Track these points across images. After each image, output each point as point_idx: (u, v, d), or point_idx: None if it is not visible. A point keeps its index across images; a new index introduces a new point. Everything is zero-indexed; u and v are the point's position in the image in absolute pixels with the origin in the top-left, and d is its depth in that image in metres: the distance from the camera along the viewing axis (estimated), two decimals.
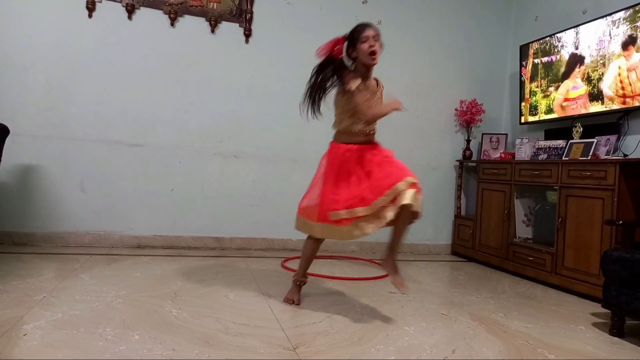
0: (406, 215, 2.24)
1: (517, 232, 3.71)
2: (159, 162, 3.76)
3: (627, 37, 3.20)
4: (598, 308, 2.67)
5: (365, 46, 2.31)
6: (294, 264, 3.41)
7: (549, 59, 3.89)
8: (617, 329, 2.32)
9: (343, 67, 2.40)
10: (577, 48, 3.61)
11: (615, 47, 3.28)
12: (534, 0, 4.34)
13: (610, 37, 3.33)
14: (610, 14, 3.32)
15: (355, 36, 2.35)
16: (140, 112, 3.71)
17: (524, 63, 4.14)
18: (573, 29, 3.64)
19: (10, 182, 3.46)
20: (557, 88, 3.79)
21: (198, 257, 3.46)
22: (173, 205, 3.78)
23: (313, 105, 2.48)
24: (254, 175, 3.97)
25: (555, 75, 3.82)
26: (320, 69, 2.42)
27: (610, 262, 2.32)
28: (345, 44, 2.39)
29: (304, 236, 4.28)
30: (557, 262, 3.25)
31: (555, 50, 3.83)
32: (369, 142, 2.46)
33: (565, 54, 3.71)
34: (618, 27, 3.27)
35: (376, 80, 2.49)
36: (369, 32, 2.32)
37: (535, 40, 4.02)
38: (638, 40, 3.12)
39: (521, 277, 3.56)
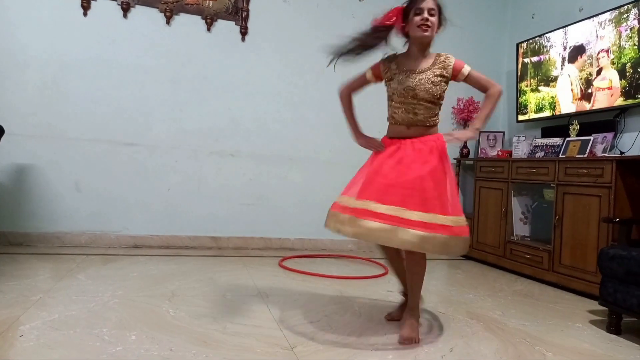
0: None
1: (514, 230, 3.71)
2: (154, 161, 3.74)
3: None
4: (595, 305, 2.68)
5: (417, 18, 2.05)
6: (292, 264, 3.41)
7: (538, 59, 3.91)
8: (614, 326, 2.33)
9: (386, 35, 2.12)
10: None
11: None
12: None
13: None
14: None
15: (409, 7, 2.08)
16: (135, 111, 3.69)
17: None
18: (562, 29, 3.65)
19: (5, 181, 3.44)
20: (547, 86, 3.80)
21: (195, 257, 3.45)
22: (169, 205, 3.77)
23: (343, 54, 2.16)
24: (251, 174, 3.96)
25: (545, 75, 3.85)
26: (372, 32, 2.17)
27: (606, 260, 2.32)
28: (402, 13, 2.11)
29: (301, 235, 4.27)
30: (554, 260, 3.26)
31: (544, 50, 3.85)
32: (418, 135, 2.12)
33: (555, 54, 3.72)
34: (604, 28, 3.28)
35: (438, 56, 2.18)
36: (424, 3, 2.04)
37: (525, 41, 4.04)
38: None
39: (518, 275, 3.56)
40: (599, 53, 3.38)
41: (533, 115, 3.99)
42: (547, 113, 3.84)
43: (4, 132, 2.84)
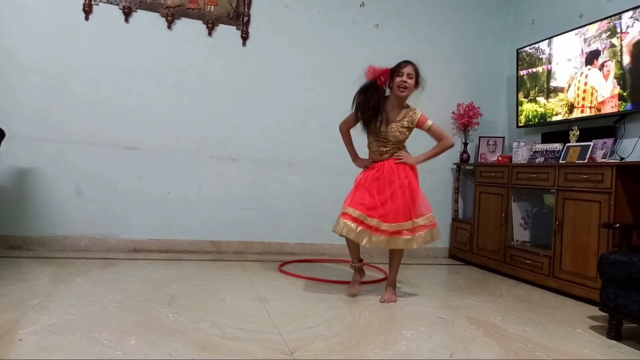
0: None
1: (514, 236, 3.71)
2: (155, 165, 3.74)
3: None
4: (595, 311, 2.68)
5: (398, 79, 2.68)
6: (291, 268, 3.41)
7: (530, 71, 3.94)
8: (614, 332, 2.32)
9: (381, 95, 2.72)
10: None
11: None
12: (531, 4, 4.36)
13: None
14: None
15: (395, 69, 2.71)
16: (136, 115, 3.70)
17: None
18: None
19: (5, 184, 3.44)
20: (547, 97, 3.81)
21: (195, 261, 3.45)
22: (169, 209, 3.77)
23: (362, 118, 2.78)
24: (251, 178, 3.97)
25: (542, 85, 3.88)
26: (363, 91, 2.72)
27: (607, 265, 2.32)
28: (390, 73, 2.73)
29: (301, 240, 4.29)
30: (554, 265, 3.25)
31: (540, 62, 3.89)
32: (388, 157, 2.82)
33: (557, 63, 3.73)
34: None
35: (408, 110, 2.80)
36: (405, 69, 2.69)
37: (525, 47, 4.07)
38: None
39: (519, 280, 3.56)
40: (596, 59, 3.40)
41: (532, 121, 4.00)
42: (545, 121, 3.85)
43: (5, 136, 2.84)
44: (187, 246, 3.79)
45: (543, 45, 3.91)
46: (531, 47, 4.04)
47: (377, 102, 2.68)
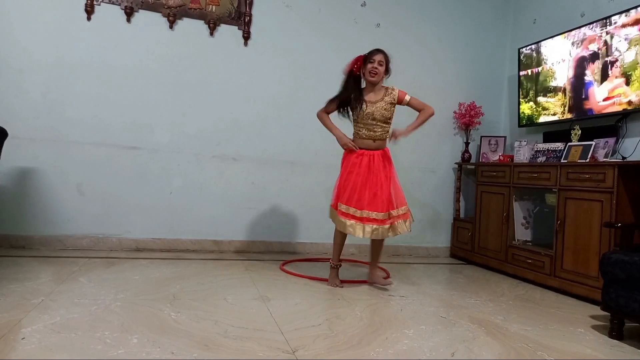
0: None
1: (516, 235, 3.71)
2: (157, 165, 3.75)
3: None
4: (597, 310, 2.68)
5: (369, 66, 2.92)
6: (293, 267, 3.41)
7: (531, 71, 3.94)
8: (616, 332, 2.32)
9: (357, 80, 2.97)
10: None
11: None
12: (533, 4, 4.36)
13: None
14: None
15: (367, 56, 2.94)
16: (138, 115, 3.71)
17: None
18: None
19: (7, 185, 3.45)
20: (544, 96, 3.81)
21: (196, 260, 3.46)
22: (171, 208, 3.78)
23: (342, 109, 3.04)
24: (253, 178, 3.97)
25: (542, 85, 3.89)
26: (344, 83, 2.99)
27: (608, 265, 2.32)
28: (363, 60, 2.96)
29: (302, 239, 4.30)
30: (556, 265, 3.25)
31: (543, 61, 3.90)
32: (378, 148, 2.98)
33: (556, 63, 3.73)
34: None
35: (386, 89, 3.01)
36: (376, 56, 2.92)
37: (525, 46, 4.07)
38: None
39: (520, 279, 3.56)
40: (597, 60, 3.40)
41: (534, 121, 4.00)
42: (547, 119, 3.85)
43: (7, 135, 2.85)
44: (189, 245, 3.80)
45: (544, 44, 3.90)
46: (532, 46, 4.03)
47: (355, 86, 2.93)
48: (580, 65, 3.55)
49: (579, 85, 3.57)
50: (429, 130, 4.41)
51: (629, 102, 3.16)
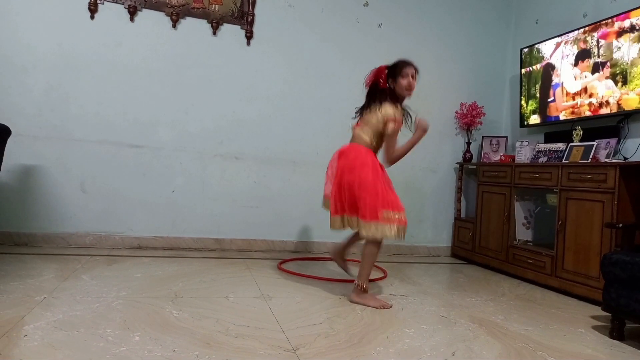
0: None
1: (517, 235, 3.71)
2: (159, 163, 3.76)
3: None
4: (598, 311, 2.68)
5: (405, 82, 2.63)
6: (291, 266, 3.42)
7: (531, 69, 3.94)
8: (616, 332, 2.32)
9: (388, 96, 2.65)
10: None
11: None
12: (535, 3, 4.36)
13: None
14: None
15: (397, 70, 2.65)
16: (141, 114, 3.72)
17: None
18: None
19: (11, 182, 3.46)
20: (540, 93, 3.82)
21: (198, 259, 3.47)
22: (174, 207, 3.79)
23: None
24: (255, 176, 3.98)
25: (542, 85, 3.90)
26: (369, 96, 2.72)
27: (609, 265, 2.32)
28: (387, 72, 2.68)
29: (304, 238, 4.29)
30: (557, 265, 3.25)
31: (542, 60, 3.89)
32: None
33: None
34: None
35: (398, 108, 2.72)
36: (409, 70, 2.65)
37: (528, 47, 4.07)
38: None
39: (521, 279, 3.56)
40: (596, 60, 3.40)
41: (535, 121, 4.00)
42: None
43: (10, 133, 2.86)
44: (191, 244, 3.81)
45: (545, 45, 3.90)
46: (534, 46, 4.04)
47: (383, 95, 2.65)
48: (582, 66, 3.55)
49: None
50: (430, 130, 4.40)
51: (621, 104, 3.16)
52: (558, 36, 3.79)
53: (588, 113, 3.48)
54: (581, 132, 3.48)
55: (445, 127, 4.47)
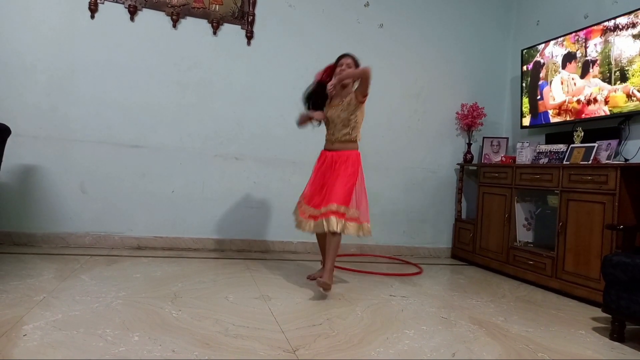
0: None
1: (517, 236, 3.71)
2: (159, 163, 3.76)
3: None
4: (598, 312, 2.67)
5: (337, 69, 2.96)
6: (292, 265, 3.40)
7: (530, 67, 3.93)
8: (617, 334, 2.32)
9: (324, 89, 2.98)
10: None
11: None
12: (535, 5, 4.35)
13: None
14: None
15: (336, 63, 3.01)
16: (141, 114, 3.71)
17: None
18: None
19: (10, 182, 3.46)
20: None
21: (198, 259, 3.46)
22: (173, 207, 3.78)
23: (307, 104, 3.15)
24: (254, 177, 3.97)
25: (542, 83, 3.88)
26: (312, 89, 3.09)
27: (610, 267, 2.31)
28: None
29: (303, 239, 4.28)
30: (557, 266, 3.25)
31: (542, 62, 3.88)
32: (338, 149, 3.02)
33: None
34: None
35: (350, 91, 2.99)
36: (343, 60, 2.97)
37: (528, 48, 4.07)
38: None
39: (521, 281, 3.56)
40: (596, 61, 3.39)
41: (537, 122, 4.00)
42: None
43: (10, 133, 2.86)
44: (191, 244, 3.80)
45: (546, 45, 3.90)
46: (534, 47, 4.03)
47: (318, 91, 3.02)
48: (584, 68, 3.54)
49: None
50: (431, 131, 4.42)
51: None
52: (558, 37, 3.78)
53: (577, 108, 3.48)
54: (582, 133, 3.47)
55: (446, 128, 4.46)
